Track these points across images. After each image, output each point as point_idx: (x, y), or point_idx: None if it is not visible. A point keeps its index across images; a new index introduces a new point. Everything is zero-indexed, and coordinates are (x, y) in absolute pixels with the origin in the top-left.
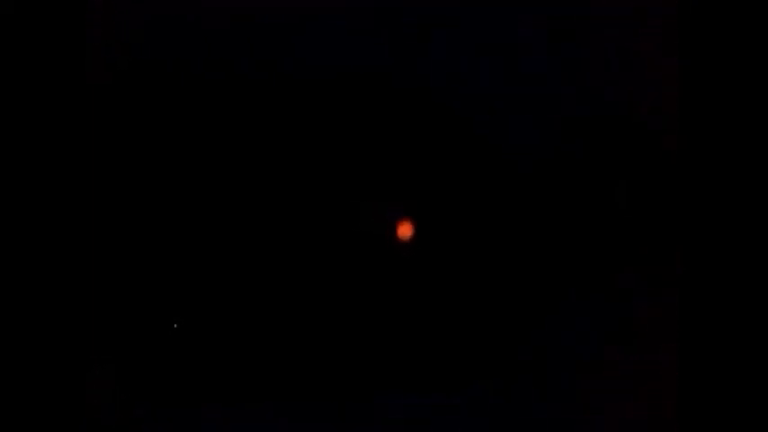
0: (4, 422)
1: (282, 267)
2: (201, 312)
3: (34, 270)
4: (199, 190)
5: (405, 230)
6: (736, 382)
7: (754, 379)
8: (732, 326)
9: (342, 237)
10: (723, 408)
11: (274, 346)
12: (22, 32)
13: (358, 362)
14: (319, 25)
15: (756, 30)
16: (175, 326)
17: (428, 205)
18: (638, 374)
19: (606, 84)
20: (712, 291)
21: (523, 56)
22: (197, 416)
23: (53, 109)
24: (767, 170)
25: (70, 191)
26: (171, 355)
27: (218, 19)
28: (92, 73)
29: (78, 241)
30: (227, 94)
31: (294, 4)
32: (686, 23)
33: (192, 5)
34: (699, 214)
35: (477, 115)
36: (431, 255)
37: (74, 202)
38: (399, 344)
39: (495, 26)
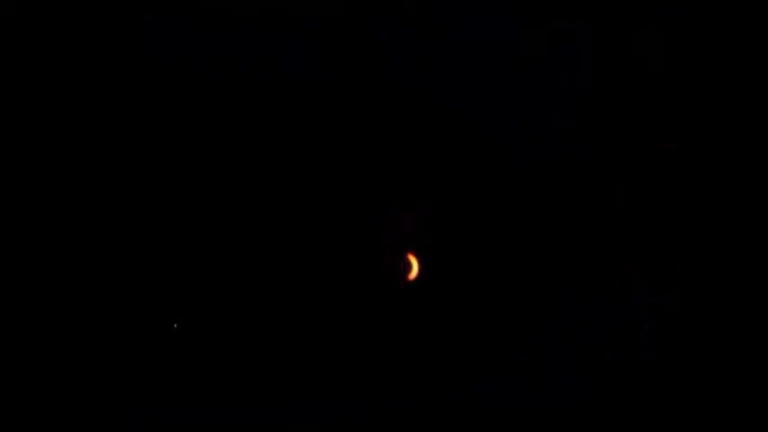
0: (4, 422)
1: (282, 268)
2: (201, 312)
3: (34, 270)
4: (199, 190)
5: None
6: (737, 382)
7: (754, 378)
8: (732, 326)
9: (341, 236)
10: (724, 407)
11: (274, 346)
12: (22, 32)
13: (358, 362)
14: (318, 25)
15: (755, 30)
16: (175, 326)
17: (428, 205)
18: (639, 373)
19: (606, 83)
20: (712, 291)
21: (523, 56)
22: (197, 416)
23: (53, 109)
24: (767, 170)
25: (70, 191)
26: (171, 355)
27: (218, 19)
28: (92, 73)
29: (78, 241)
30: (227, 94)
31: (293, 4)
32: (686, 24)
33: (191, 5)
34: (699, 214)
35: (477, 115)
36: (431, 255)
37: (74, 202)
38: (399, 344)
39: (494, 26)
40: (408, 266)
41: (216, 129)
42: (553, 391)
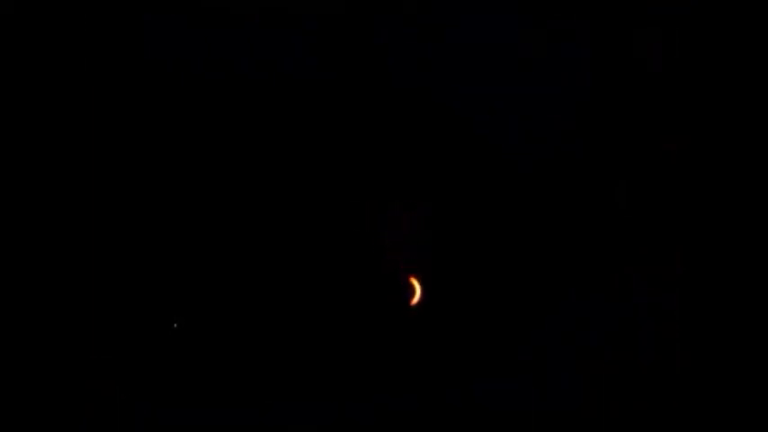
0: (4, 422)
1: (282, 267)
2: (201, 312)
3: (34, 270)
4: (199, 190)
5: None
6: (737, 382)
7: (754, 378)
8: (732, 326)
9: (340, 235)
10: (724, 407)
11: (274, 346)
12: (22, 32)
13: (358, 362)
14: (318, 25)
15: (755, 30)
16: (175, 326)
17: (428, 205)
18: (639, 373)
19: (606, 83)
20: (712, 291)
21: (523, 56)
22: (197, 416)
23: (53, 109)
24: (767, 170)
25: (70, 191)
26: (171, 355)
27: (218, 19)
28: (92, 73)
29: (78, 241)
30: (227, 94)
31: (293, 4)
32: (686, 24)
33: (191, 5)
34: (699, 214)
35: (477, 115)
36: (431, 255)
37: (74, 202)
38: (399, 344)
39: (494, 26)
40: (411, 289)
41: (216, 129)
42: (553, 391)
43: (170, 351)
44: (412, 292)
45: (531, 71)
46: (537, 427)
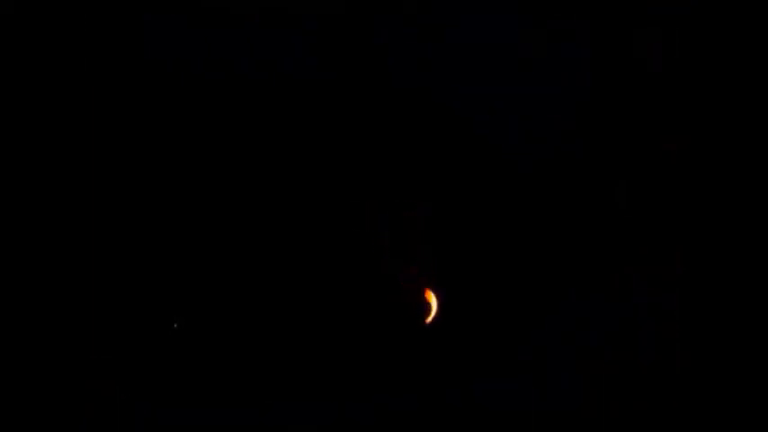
0: (4, 422)
1: (282, 267)
2: (201, 312)
3: (34, 270)
4: (199, 190)
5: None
6: (737, 382)
7: (754, 378)
8: (732, 326)
9: (339, 235)
10: (724, 407)
11: (274, 346)
12: (22, 32)
13: (357, 362)
14: (318, 25)
15: (755, 30)
16: (175, 326)
17: (428, 205)
18: (639, 373)
19: (606, 83)
20: (712, 291)
21: (523, 56)
22: (197, 416)
23: (53, 109)
24: (767, 170)
25: (70, 191)
26: (171, 355)
27: (218, 19)
28: (92, 73)
29: (78, 241)
30: (227, 94)
31: (293, 4)
32: (686, 24)
33: (191, 5)
34: (699, 214)
35: (477, 115)
36: (431, 255)
37: (74, 201)
38: (399, 344)
39: (494, 26)
40: (428, 306)
41: (216, 129)
42: (553, 391)
43: (170, 351)
44: (428, 309)
45: (531, 71)
46: (537, 427)
